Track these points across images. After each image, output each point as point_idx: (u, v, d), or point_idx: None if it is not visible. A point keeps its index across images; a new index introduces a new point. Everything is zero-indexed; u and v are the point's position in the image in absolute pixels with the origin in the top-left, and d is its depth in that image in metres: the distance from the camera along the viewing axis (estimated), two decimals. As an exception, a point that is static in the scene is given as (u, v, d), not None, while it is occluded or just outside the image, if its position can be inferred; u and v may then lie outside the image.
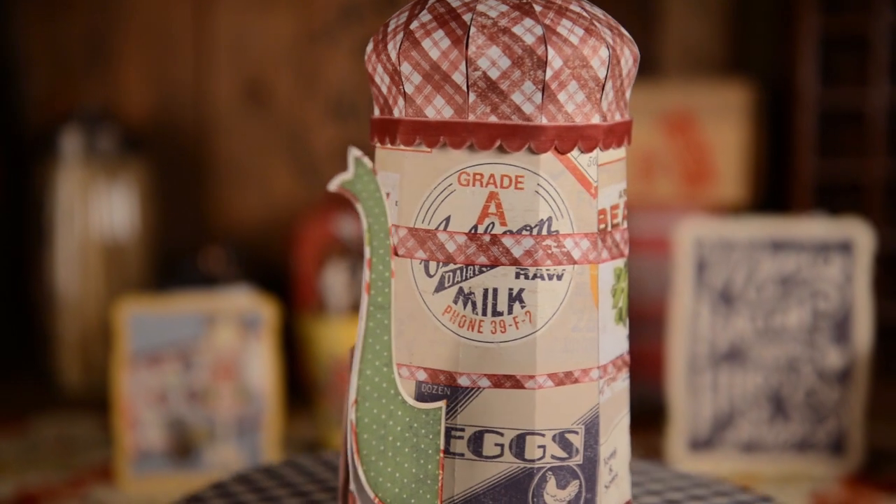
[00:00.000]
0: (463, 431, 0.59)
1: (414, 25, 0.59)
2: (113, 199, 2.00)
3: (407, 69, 0.59)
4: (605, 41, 0.58)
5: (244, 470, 0.81)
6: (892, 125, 1.98)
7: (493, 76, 0.58)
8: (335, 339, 1.78)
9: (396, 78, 0.60)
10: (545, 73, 0.57)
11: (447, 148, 0.59)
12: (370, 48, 0.62)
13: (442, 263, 0.59)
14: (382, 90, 0.62)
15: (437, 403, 0.59)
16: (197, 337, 1.57)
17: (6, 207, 2.23)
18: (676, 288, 1.64)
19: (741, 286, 1.63)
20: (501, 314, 0.58)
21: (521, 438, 0.59)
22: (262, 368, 1.59)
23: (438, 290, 0.59)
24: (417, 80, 0.59)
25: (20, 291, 2.24)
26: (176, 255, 2.15)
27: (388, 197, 0.62)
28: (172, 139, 2.24)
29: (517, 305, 0.58)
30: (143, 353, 1.56)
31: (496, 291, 0.59)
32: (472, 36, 0.58)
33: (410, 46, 0.59)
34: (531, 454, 0.59)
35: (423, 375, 0.60)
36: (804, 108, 1.95)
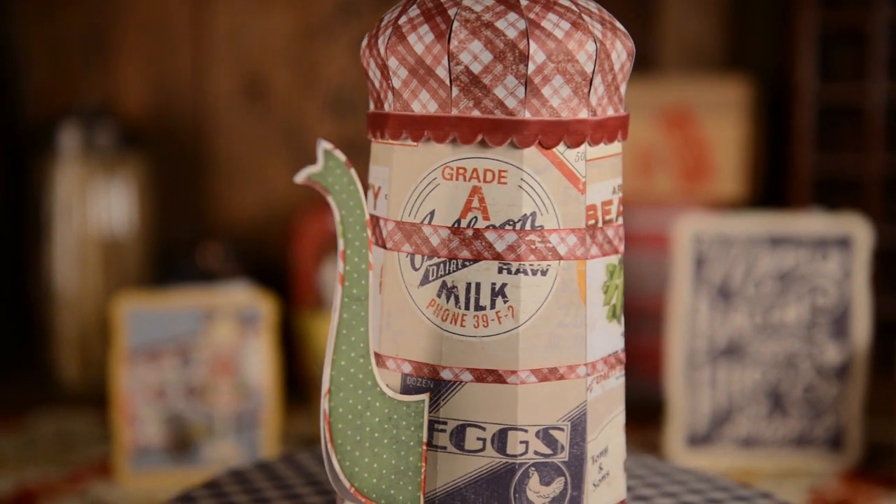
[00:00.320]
0: (445, 425, 0.59)
1: (402, 20, 0.60)
2: (111, 194, 2.00)
3: (394, 63, 0.60)
4: (592, 35, 0.58)
5: (239, 466, 0.81)
6: (890, 121, 1.98)
7: (475, 70, 0.58)
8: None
9: (385, 72, 0.61)
10: (527, 67, 0.57)
11: (431, 142, 0.59)
12: (364, 43, 0.63)
13: (427, 257, 0.60)
14: (375, 84, 0.62)
15: (419, 396, 0.59)
16: (195, 333, 1.57)
17: (4, 203, 2.23)
18: (675, 284, 1.64)
19: (739, 282, 1.63)
20: (484, 308, 0.59)
21: (502, 433, 0.59)
22: (260, 364, 1.59)
23: (423, 283, 0.60)
24: (404, 74, 0.60)
25: (18, 287, 2.24)
26: (174, 250, 2.15)
27: (378, 190, 0.62)
28: (171, 135, 2.24)
29: (500, 300, 0.58)
30: (141, 348, 1.56)
31: (479, 286, 0.59)
32: (454, 30, 0.58)
33: (397, 41, 0.59)
34: (513, 449, 0.59)
35: (408, 368, 0.60)
36: (802, 103, 1.95)
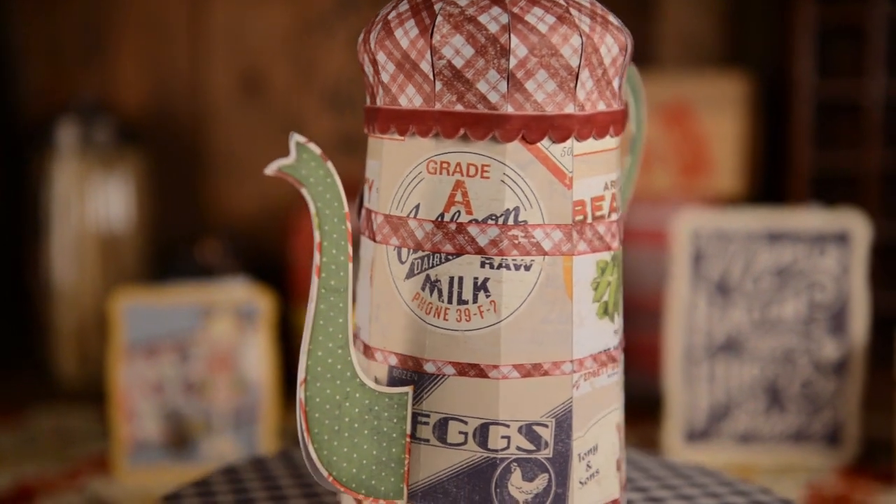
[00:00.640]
0: (428, 417, 0.60)
1: (391, 15, 0.60)
2: (109, 190, 2.00)
3: (382, 58, 0.60)
4: (578, 29, 0.58)
5: (232, 463, 0.81)
6: (888, 116, 1.98)
7: (457, 65, 0.58)
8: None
9: (375, 67, 0.61)
10: (508, 61, 0.57)
11: (416, 136, 0.59)
12: (360, 38, 0.63)
13: (412, 250, 0.60)
14: (369, 79, 0.63)
15: (402, 388, 0.60)
16: (193, 328, 1.57)
17: (2, 200, 2.23)
18: (673, 279, 1.64)
19: (738, 278, 1.63)
20: (467, 303, 0.59)
21: (484, 428, 0.59)
22: (258, 360, 1.59)
23: (409, 276, 0.60)
24: (391, 69, 0.60)
25: (16, 283, 2.24)
26: (172, 246, 2.15)
27: (371, 184, 0.63)
28: (169, 130, 2.24)
29: (482, 294, 0.59)
30: (139, 344, 1.56)
31: (461, 280, 0.59)
32: (437, 25, 0.58)
33: (385, 36, 0.60)
34: (494, 444, 0.59)
35: (394, 360, 0.61)
36: (801, 99, 1.95)
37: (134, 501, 1.50)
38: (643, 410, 1.77)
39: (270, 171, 0.55)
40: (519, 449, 0.59)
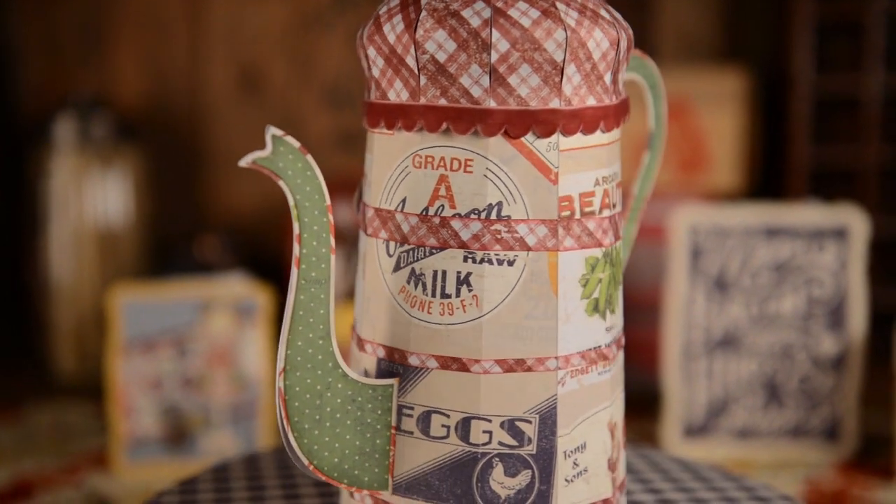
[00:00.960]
0: (412, 410, 0.60)
1: (382, 10, 0.61)
2: (107, 186, 2.00)
3: (372, 53, 0.61)
4: (563, 23, 0.57)
5: (226, 460, 0.81)
6: (887, 112, 1.98)
7: (440, 59, 0.58)
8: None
9: (367, 62, 0.62)
10: (490, 55, 0.57)
11: (403, 130, 0.60)
12: (359, 34, 0.64)
13: (399, 244, 0.60)
14: (365, 74, 0.64)
15: (387, 380, 0.60)
16: (192, 324, 1.57)
17: (0, 195, 2.23)
18: (671, 275, 1.64)
19: (736, 273, 1.63)
20: (450, 296, 0.59)
21: (466, 422, 0.59)
22: (256, 355, 1.59)
23: (396, 269, 0.60)
24: (381, 63, 0.61)
25: (14, 279, 2.24)
26: (170, 242, 2.15)
27: (365, 178, 0.64)
28: (167, 126, 2.24)
29: (464, 289, 0.59)
30: (137, 340, 1.56)
31: (445, 274, 0.59)
32: (421, 20, 0.58)
33: (375, 31, 0.60)
34: (476, 438, 0.59)
35: (381, 353, 0.61)
36: (799, 94, 1.95)
37: (132, 497, 1.50)
38: (641, 406, 1.77)
39: (245, 162, 0.55)
40: (501, 444, 0.59)
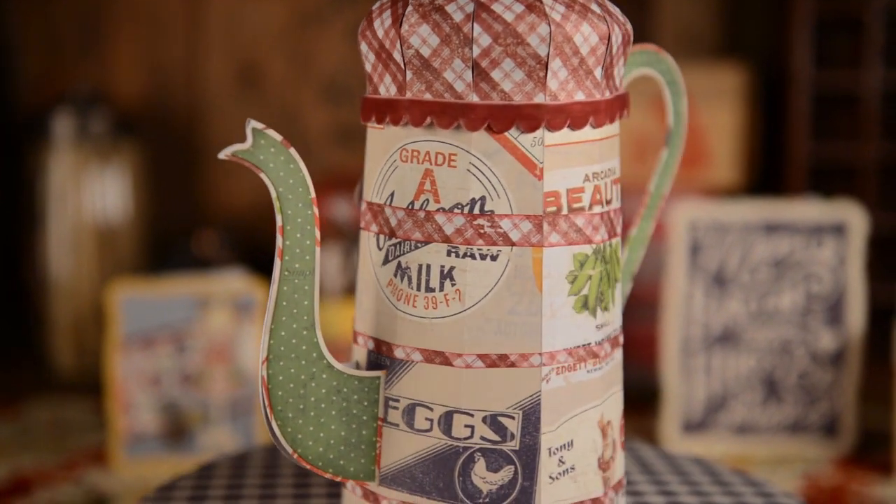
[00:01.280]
0: (398, 402, 0.60)
1: (376, 6, 0.61)
2: (105, 182, 2.00)
3: (365, 48, 0.61)
4: (546, 17, 0.57)
5: (215, 459, 0.81)
6: (886, 108, 1.98)
7: (425, 54, 0.58)
8: (329, 321, 1.78)
9: (361, 58, 0.62)
10: (472, 50, 0.57)
11: (391, 125, 0.60)
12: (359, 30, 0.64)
13: (387, 237, 0.61)
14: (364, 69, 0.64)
15: (373, 372, 0.60)
16: (190, 320, 1.57)
17: (-2, 191, 2.23)
18: (670, 271, 1.64)
19: (735, 269, 1.63)
20: (434, 290, 0.59)
21: (448, 416, 0.59)
22: (255, 351, 1.58)
23: (384, 263, 0.61)
24: (373, 58, 0.61)
25: (12, 275, 2.23)
26: (169, 238, 2.15)
27: (363, 172, 0.64)
28: (165, 122, 2.24)
29: (448, 283, 0.59)
30: (136, 336, 1.56)
31: (429, 267, 0.59)
32: (406, 15, 0.58)
33: (367, 26, 0.61)
34: (458, 432, 0.59)
35: (371, 345, 0.62)
36: (798, 90, 1.95)
37: (131, 493, 1.50)
38: (640, 401, 1.77)
39: (224, 154, 0.56)
40: (483, 439, 0.59)
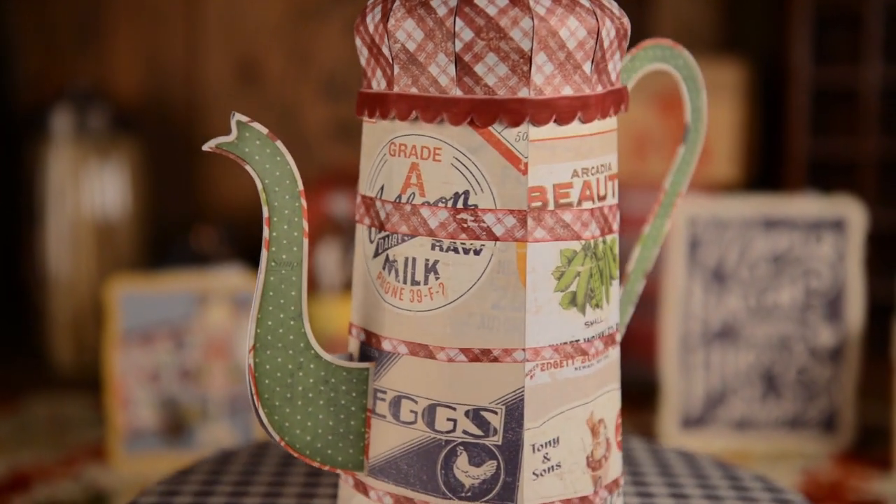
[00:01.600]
0: (385, 394, 0.61)
1: (370, 1, 0.62)
2: (104, 178, 2.00)
3: (359, 43, 0.62)
4: (530, 11, 0.57)
5: (210, 456, 0.81)
6: (885, 103, 1.98)
7: (410, 48, 0.58)
8: (328, 317, 1.78)
9: (357, 53, 0.63)
10: (454, 44, 0.57)
11: (380, 119, 0.61)
12: None
13: (378, 230, 0.61)
14: None
15: (361, 364, 0.61)
16: (189, 316, 1.57)
17: (-3, 187, 2.23)
18: (669, 267, 1.64)
19: (734, 265, 1.63)
20: (419, 284, 0.59)
21: (432, 409, 0.59)
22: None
23: (375, 255, 0.61)
24: (366, 53, 0.61)
25: (11, 271, 2.23)
26: (168, 234, 2.15)
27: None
28: (164, 118, 2.24)
29: (432, 276, 0.59)
30: (135, 332, 1.56)
31: (414, 261, 0.59)
32: (393, 9, 0.59)
33: (360, 21, 0.61)
34: (441, 426, 0.59)
35: (363, 336, 0.62)
36: (797, 86, 1.95)
37: (130, 489, 1.50)
38: (639, 397, 1.78)
39: (208, 146, 0.57)
40: (465, 433, 0.59)
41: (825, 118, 2.00)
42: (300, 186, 0.58)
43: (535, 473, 0.60)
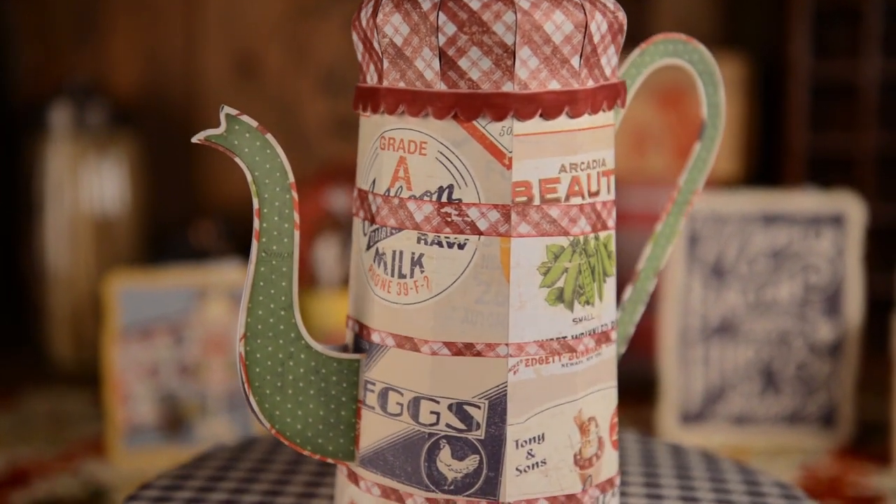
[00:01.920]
0: (374, 386, 0.61)
1: None
2: (103, 173, 1.99)
3: (355, 38, 0.62)
4: (513, 5, 0.57)
5: (206, 452, 0.81)
6: (884, 98, 1.97)
7: (398, 43, 0.59)
8: (327, 312, 1.78)
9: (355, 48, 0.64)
10: (437, 38, 0.57)
11: (372, 113, 0.61)
12: None
13: (370, 223, 0.62)
14: None
15: (352, 355, 0.62)
16: (188, 311, 1.57)
17: (-5, 182, 2.22)
18: (668, 262, 1.64)
19: (733, 260, 1.63)
20: (405, 277, 0.60)
21: (416, 401, 0.60)
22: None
23: (367, 248, 0.62)
24: (360, 48, 0.62)
25: (10, 266, 2.23)
26: (166, 229, 2.15)
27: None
28: (162, 113, 2.23)
29: (417, 270, 0.59)
30: (133, 327, 1.56)
31: (401, 254, 0.60)
32: (382, 4, 0.59)
33: (356, 17, 0.62)
34: (425, 418, 0.60)
35: (356, 328, 0.63)
36: (797, 81, 1.95)
37: (129, 484, 1.50)
38: (638, 393, 1.78)
39: (197, 139, 0.57)
40: (448, 426, 0.59)
41: (824, 113, 2.00)
42: (291, 179, 0.59)
43: (518, 469, 0.60)
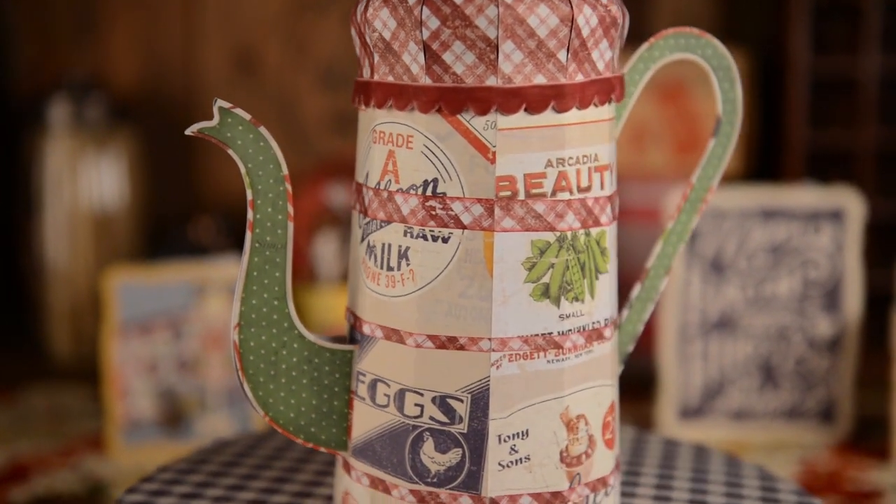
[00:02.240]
0: (365, 377, 0.62)
1: None
2: (102, 168, 1.99)
3: (353, 33, 0.62)
4: (496, 0, 0.56)
5: (204, 449, 0.80)
6: (883, 93, 1.97)
7: (386, 37, 0.59)
8: (326, 308, 1.77)
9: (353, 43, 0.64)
10: (422, 33, 0.57)
11: (364, 107, 0.61)
12: None
13: (363, 216, 0.62)
14: None
15: (345, 346, 0.62)
16: (187, 306, 1.57)
17: (-6, 177, 2.22)
18: (667, 257, 1.64)
19: (732, 255, 1.63)
20: (393, 269, 0.60)
21: (401, 393, 0.60)
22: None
23: (361, 241, 0.62)
24: (358, 43, 0.62)
25: (9, 262, 2.23)
26: (165, 224, 2.15)
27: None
28: (161, 108, 2.23)
29: (404, 263, 0.60)
30: (133, 322, 1.56)
31: (389, 247, 0.60)
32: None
33: (354, 11, 0.62)
34: (409, 411, 0.60)
35: (352, 319, 0.63)
36: (796, 76, 1.95)
37: (128, 479, 1.50)
38: (637, 388, 1.78)
39: (190, 131, 0.58)
40: (432, 419, 0.59)
41: (824, 108, 2.00)
42: (284, 170, 0.59)
43: (500, 464, 0.59)
